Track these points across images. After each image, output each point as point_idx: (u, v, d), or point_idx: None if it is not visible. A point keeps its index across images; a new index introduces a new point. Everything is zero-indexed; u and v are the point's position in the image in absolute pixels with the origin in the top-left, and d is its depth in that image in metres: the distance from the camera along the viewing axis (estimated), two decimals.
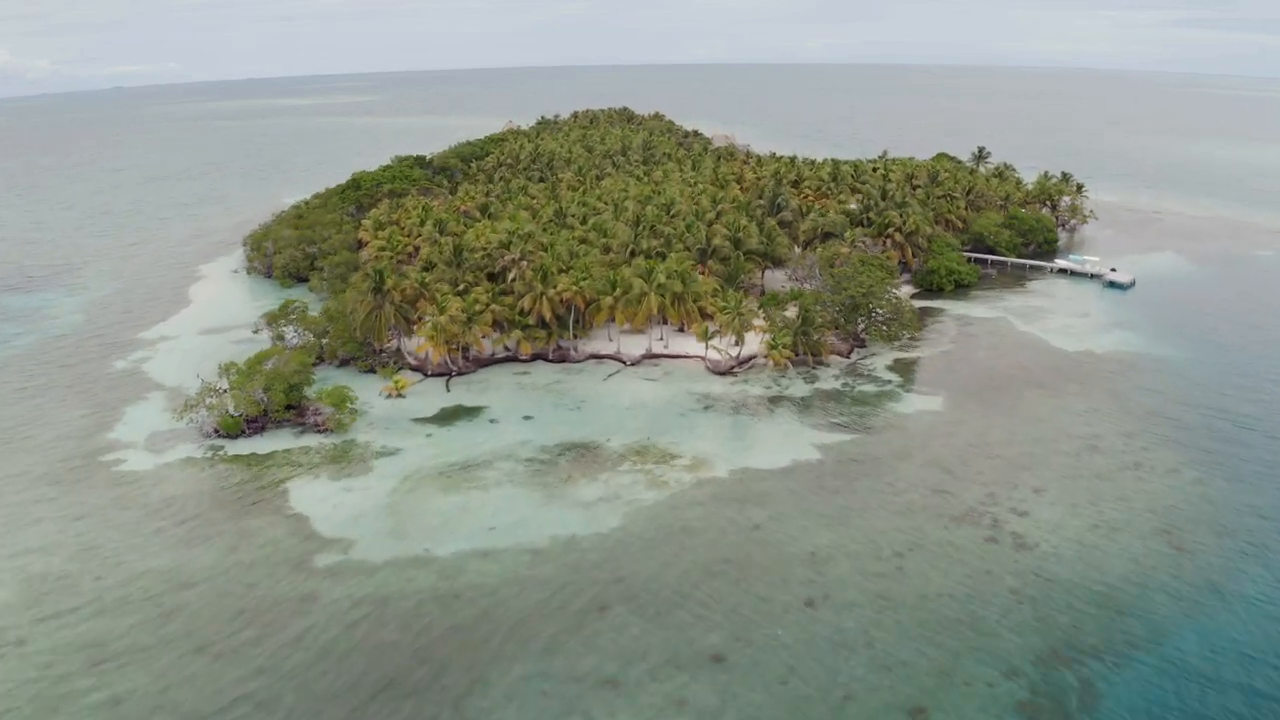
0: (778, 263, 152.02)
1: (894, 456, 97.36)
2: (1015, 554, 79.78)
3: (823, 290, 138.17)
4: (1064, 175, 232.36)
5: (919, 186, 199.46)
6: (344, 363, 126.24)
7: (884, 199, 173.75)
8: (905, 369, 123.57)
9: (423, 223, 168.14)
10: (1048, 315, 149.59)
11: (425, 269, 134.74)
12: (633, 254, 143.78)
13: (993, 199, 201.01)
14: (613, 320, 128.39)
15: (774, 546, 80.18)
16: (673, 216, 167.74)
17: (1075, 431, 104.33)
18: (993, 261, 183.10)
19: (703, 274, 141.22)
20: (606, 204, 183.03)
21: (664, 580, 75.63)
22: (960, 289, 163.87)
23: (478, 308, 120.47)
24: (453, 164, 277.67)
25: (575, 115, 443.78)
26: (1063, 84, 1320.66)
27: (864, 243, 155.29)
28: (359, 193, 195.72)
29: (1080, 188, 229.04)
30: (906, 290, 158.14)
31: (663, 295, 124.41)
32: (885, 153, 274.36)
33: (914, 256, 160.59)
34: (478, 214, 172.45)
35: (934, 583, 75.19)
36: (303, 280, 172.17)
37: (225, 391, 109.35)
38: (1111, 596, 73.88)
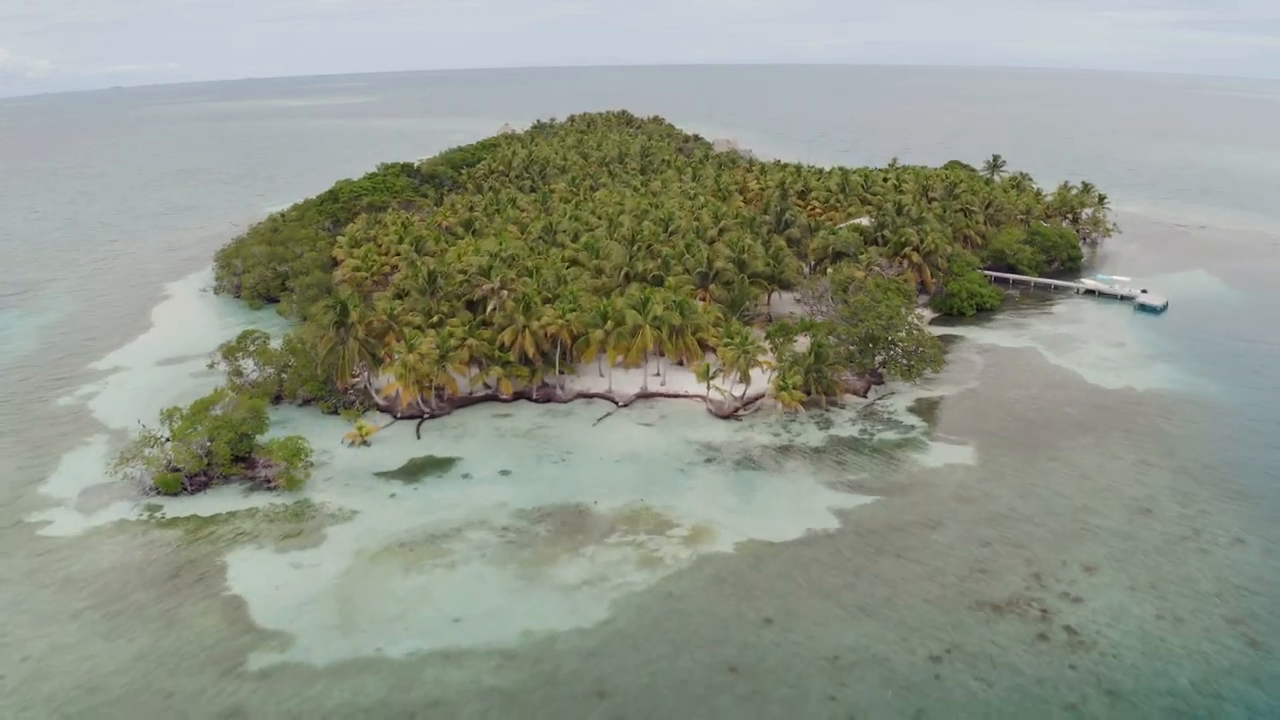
0: (785, 286, 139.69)
1: (923, 525, 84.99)
2: (1070, 655, 67.54)
3: (836, 320, 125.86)
4: (1085, 185, 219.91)
5: (934, 200, 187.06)
6: (306, 402, 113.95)
7: (899, 214, 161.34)
8: (929, 411, 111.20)
9: (401, 240, 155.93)
10: (1079, 345, 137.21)
11: (398, 296, 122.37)
12: (627, 277, 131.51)
13: (1012, 213, 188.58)
14: (604, 353, 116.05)
15: (788, 649, 67.78)
16: (671, 234, 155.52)
17: (1125, 491, 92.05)
18: (1015, 281, 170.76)
19: (704, 300, 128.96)
20: (600, 218, 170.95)
21: (656, 695, 63.28)
22: (982, 312, 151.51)
23: (452, 343, 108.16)
24: (442, 171, 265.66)
25: (572, 119, 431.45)
26: (1066, 85, 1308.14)
27: (879, 264, 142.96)
28: (336, 205, 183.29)
29: (1102, 199, 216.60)
30: (924, 314, 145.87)
31: (659, 328, 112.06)
32: (895, 160, 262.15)
33: (932, 278, 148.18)
34: (461, 230, 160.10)
35: (978, 698, 62.89)
36: (274, 301, 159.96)
37: (166, 440, 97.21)
38: (1182, 711, 61.85)
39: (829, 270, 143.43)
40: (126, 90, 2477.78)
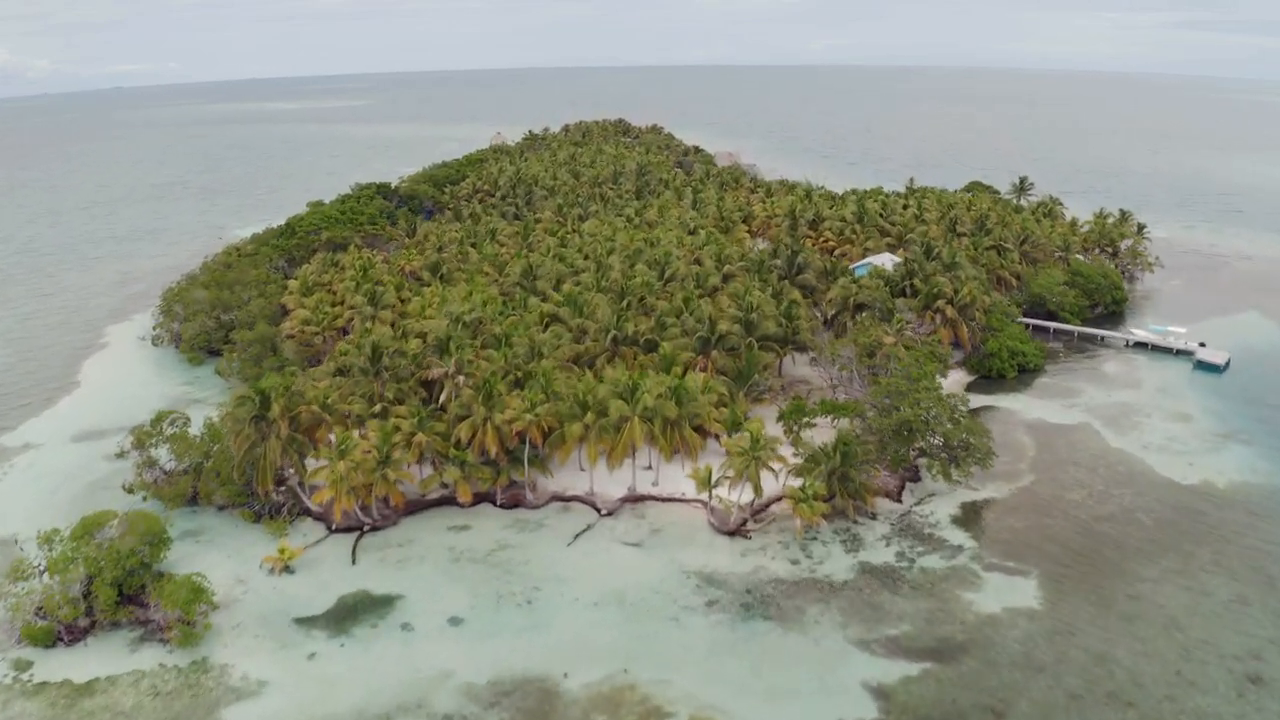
0: (800, 347, 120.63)
1: (984, 711, 65.94)
2: None
3: (862, 398, 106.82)
4: (1122, 214, 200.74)
5: (964, 235, 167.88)
6: (225, 507, 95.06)
7: (929, 256, 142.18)
8: (977, 522, 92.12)
9: (358, 287, 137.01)
10: (1140, 419, 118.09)
11: (339, 372, 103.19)
12: (615, 340, 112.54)
13: (1048, 248, 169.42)
14: (584, 443, 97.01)
15: None
16: (667, 281, 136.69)
17: (1225, 647, 73.13)
18: (1056, 331, 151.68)
19: (704, 370, 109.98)
20: (587, 258, 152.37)
21: None
22: (1024, 373, 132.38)
23: (398, 439, 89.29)
24: (423, 191, 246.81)
25: (566, 129, 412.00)
26: (1071, 87, 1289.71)
27: (909, 320, 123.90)
28: (292, 241, 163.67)
29: (1141, 229, 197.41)
30: (958, 378, 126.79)
31: (650, 420, 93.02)
32: (912, 181, 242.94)
33: (969, 334, 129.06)
34: (427, 275, 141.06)
35: None
36: (217, 354, 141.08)
37: (43, 572, 78.55)
38: None
39: (850, 326, 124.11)
40: (127, 90, 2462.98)
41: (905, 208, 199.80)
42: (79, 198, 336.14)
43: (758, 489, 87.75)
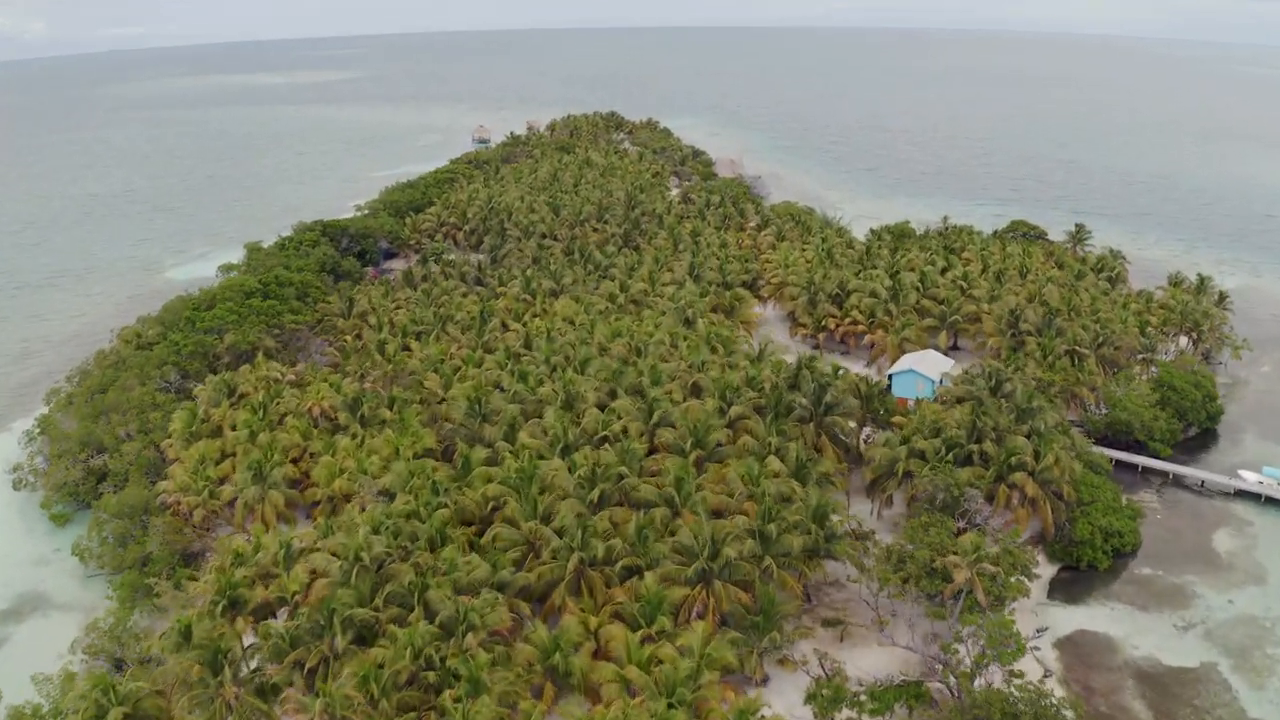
0: (833, 554, 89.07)
1: None
2: None
3: (924, 660, 75.91)
4: (1201, 280, 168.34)
5: (1030, 334, 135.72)
6: None
7: (997, 389, 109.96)
8: None
9: (252, 437, 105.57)
10: (1276, 650, 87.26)
11: (178, 643, 71.73)
12: (583, 562, 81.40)
13: (1130, 347, 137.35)
14: None
15: None
16: (655, 428, 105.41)
17: None
18: (1145, 470, 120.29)
19: (701, 616, 78.86)
20: (555, 370, 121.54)
21: None
22: (1119, 558, 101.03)
23: None
24: (376, 227, 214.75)
25: (553, 127, 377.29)
26: (1083, 57, 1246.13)
27: (974, 495, 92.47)
28: (188, 345, 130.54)
29: (1223, 298, 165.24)
30: (1042, 575, 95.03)
31: None
32: (946, 219, 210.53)
33: (1052, 513, 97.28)
34: (345, 417, 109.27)
35: None
36: (89, 508, 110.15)
37: None
38: None
39: (899, 493, 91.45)
40: (122, 54, 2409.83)
41: (945, 271, 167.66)
42: (14, 214, 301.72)
43: None
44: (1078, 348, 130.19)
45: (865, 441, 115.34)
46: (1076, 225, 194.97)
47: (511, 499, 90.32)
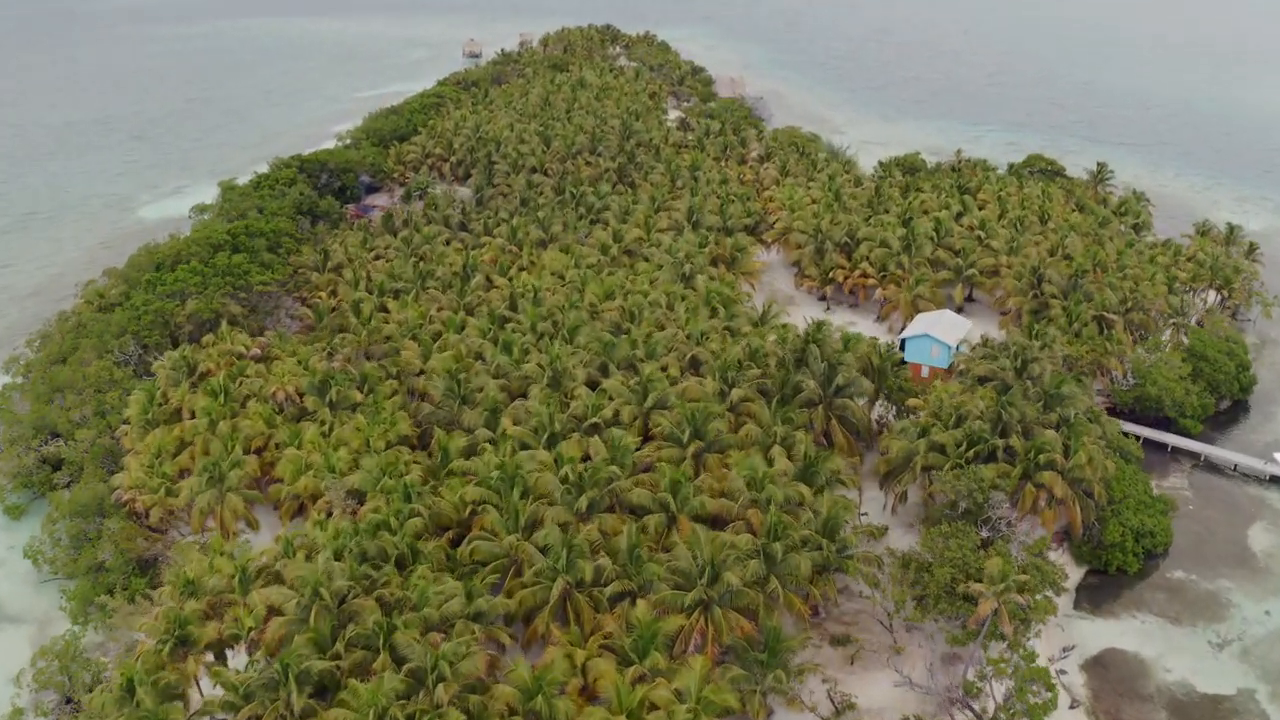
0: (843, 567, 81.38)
1: None
2: None
3: (941, 702, 68.87)
4: (1230, 229, 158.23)
5: (1054, 298, 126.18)
6: None
7: (1022, 371, 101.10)
8: None
9: (214, 423, 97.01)
10: None
11: (121, 698, 64.27)
12: (567, 593, 73.79)
13: (1159, 310, 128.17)
14: None
15: None
16: (650, 410, 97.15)
17: None
18: (1175, 450, 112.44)
19: (700, 649, 71.50)
20: (542, 338, 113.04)
21: None
22: (1149, 558, 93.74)
23: None
24: (363, 156, 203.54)
25: (546, 42, 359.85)
26: None
27: (999, 499, 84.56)
28: (151, 309, 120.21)
29: (1253, 249, 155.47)
30: (1068, 579, 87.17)
31: None
32: (960, 154, 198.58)
33: (1081, 512, 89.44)
34: (313, 402, 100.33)
35: None
36: (45, 497, 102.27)
37: None
38: None
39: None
40: None
41: (960, 216, 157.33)
42: None
43: None
44: (1105, 313, 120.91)
45: (877, 422, 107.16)
46: (1098, 164, 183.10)
47: (491, 507, 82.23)
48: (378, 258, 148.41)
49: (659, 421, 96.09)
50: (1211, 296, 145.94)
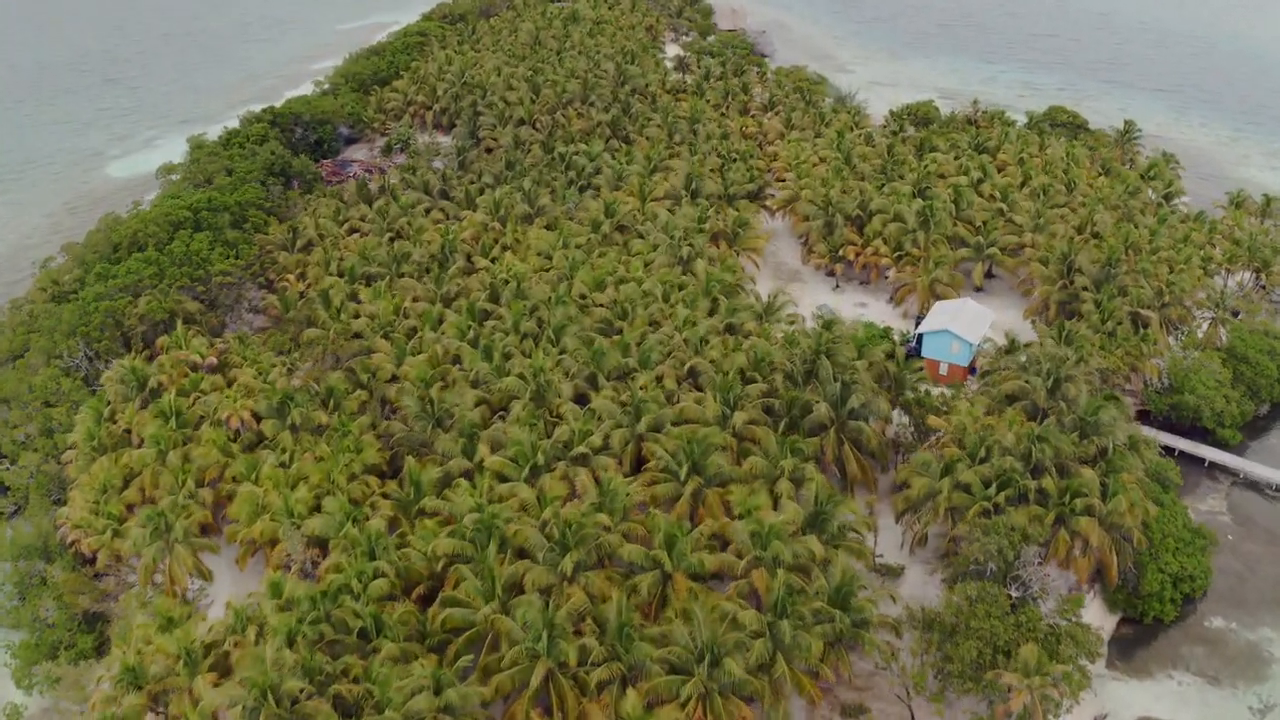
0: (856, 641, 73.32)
1: None
2: None
3: None
4: (1267, 200, 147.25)
5: (1086, 289, 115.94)
6: None
7: (1054, 391, 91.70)
8: None
9: (163, 454, 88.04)
10: None
11: None
12: (550, 675, 65.90)
13: (1193, 298, 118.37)
14: None
15: None
16: (647, 431, 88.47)
17: None
18: (1211, 465, 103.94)
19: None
20: (525, 339, 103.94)
21: None
22: (1187, 602, 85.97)
23: None
24: (339, 109, 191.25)
25: None
26: None
27: (1030, 554, 76.17)
28: (101, 307, 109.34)
29: None
30: (1101, 630, 79.02)
31: None
32: (976, 104, 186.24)
33: (1117, 559, 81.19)
34: (270, 427, 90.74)
35: None
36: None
37: None
38: None
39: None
40: None
41: (980, 182, 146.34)
42: None
43: None
44: (1141, 310, 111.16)
45: (894, 441, 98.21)
46: (1125, 123, 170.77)
47: (465, 568, 73.73)
48: (352, 231, 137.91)
49: (654, 450, 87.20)
50: (1245, 276, 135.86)
